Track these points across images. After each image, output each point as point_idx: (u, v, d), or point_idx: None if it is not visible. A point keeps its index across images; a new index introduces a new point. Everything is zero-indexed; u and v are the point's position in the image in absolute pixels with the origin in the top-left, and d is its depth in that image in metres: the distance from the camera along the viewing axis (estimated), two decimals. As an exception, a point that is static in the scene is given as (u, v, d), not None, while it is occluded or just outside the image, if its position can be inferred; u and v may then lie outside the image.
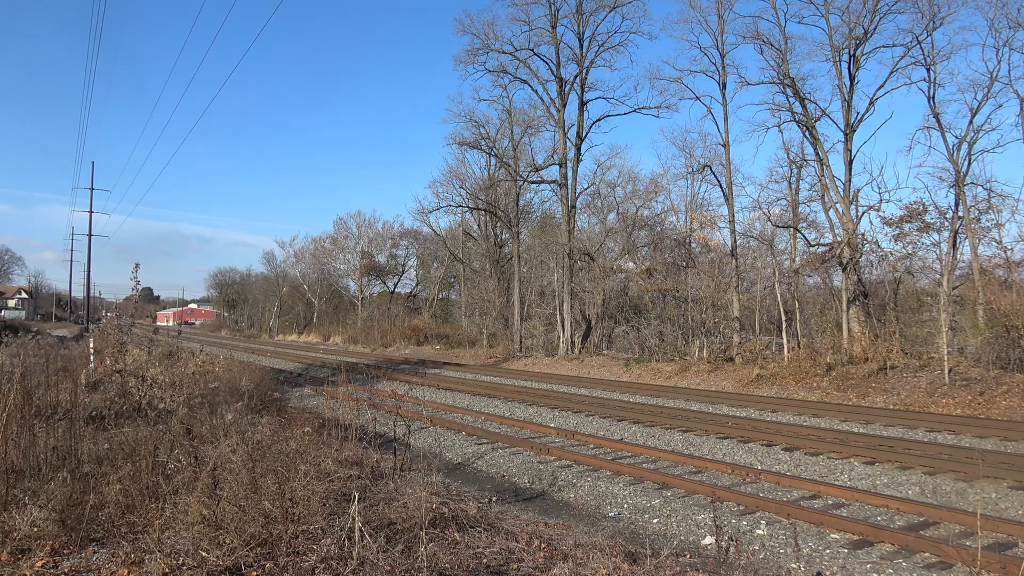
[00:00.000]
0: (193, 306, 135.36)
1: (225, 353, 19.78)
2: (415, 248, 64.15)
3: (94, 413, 8.48)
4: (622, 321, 31.91)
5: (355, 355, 38.72)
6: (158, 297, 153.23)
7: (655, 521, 7.72)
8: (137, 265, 12.35)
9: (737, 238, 27.92)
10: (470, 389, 20.18)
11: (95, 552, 4.55)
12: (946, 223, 21.91)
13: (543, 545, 5.34)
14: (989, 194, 21.53)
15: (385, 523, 5.12)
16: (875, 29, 23.24)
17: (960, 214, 21.56)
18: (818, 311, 26.72)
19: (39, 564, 4.30)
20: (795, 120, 24.96)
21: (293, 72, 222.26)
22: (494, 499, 8.37)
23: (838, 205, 23.36)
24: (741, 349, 24.87)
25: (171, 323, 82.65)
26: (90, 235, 47.27)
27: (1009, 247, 21.44)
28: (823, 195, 24.43)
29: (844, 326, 22.02)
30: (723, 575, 5.18)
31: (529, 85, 34.17)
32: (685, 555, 6.39)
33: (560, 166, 33.43)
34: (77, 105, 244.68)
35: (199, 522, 4.59)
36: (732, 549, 4.99)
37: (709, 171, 29.07)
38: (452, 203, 43.58)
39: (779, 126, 25.61)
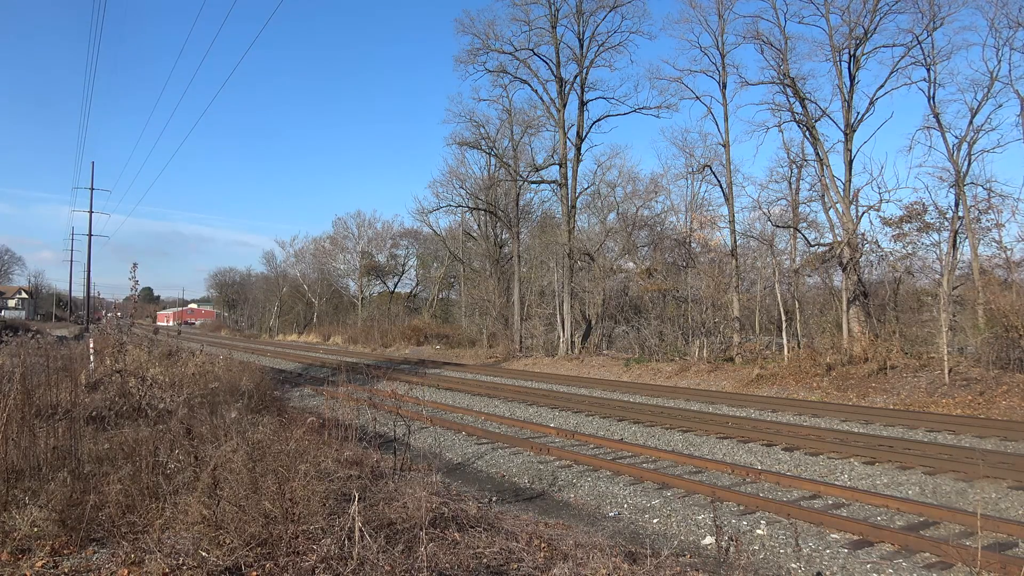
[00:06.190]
0: (193, 306, 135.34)
1: (225, 353, 19.78)
2: (415, 248, 64.26)
3: (94, 413, 8.46)
4: (622, 321, 31.91)
5: (355, 355, 38.71)
6: (158, 297, 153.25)
7: (655, 521, 7.72)
8: (135, 265, 12.22)
9: (737, 238, 27.95)
10: (470, 389, 20.17)
11: (95, 552, 4.55)
12: (946, 223, 21.91)
13: (543, 545, 5.34)
14: (989, 194, 21.56)
15: (385, 523, 5.12)
16: (875, 29, 23.28)
17: (960, 214, 21.56)
18: (818, 311, 26.73)
19: (39, 564, 4.30)
20: (795, 120, 24.99)
21: (293, 72, 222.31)
22: (494, 499, 8.37)
23: (838, 205, 23.37)
24: (741, 349, 24.87)
25: (171, 323, 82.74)
26: (90, 235, 47.30)
27: (1009, 247, 21.48)
28: (823, 195, 24.44)
29: (844, 326, 22.03)
30: (723, 575, 5.19)
31: (529, 85, 34.24)
32: (685, 555, 6.39)
33: (560, 166, 33.44)
34: (77, 105, 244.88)
35: (199, 522, 4.59)
36: (732, 549, 4.99)
37: (709, 171, 29.10)
38: (452, 203, 43.67)
39: (779, 126, 25.66)
